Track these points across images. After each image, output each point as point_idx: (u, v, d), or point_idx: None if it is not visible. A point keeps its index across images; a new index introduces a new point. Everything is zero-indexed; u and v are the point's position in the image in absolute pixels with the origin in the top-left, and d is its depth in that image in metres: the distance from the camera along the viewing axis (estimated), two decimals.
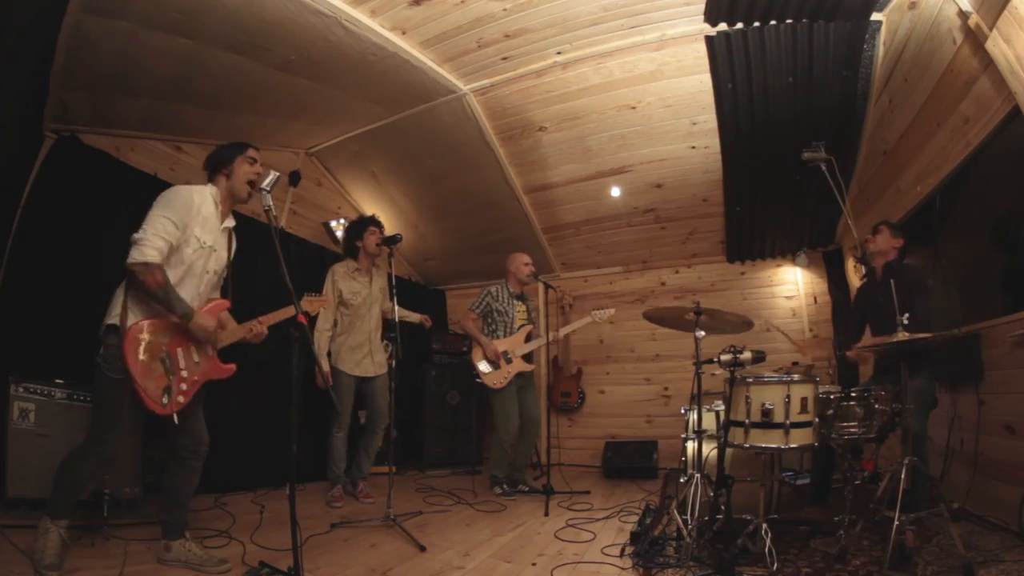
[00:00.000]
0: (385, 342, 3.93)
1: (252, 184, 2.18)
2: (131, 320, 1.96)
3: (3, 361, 2.41)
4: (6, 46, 1.98)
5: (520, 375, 3.93)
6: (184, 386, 2.06)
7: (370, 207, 5.29)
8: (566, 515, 3.16)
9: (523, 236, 5.21)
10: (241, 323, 2.27)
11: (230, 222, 2.25)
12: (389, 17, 2.95)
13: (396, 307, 3.20)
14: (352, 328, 3.62)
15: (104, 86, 2.88)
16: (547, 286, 4.26)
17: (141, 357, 1.95)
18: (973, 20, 2.26)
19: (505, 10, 2.95)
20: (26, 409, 2.37)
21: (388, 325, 3.69)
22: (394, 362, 3.40)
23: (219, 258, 2.20)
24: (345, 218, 5.00)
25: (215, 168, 2.19)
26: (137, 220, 2.00)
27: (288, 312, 2.27)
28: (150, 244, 1.92)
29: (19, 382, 2.38)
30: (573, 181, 4.58)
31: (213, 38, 2.77)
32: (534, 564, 2.32)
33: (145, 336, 1.97)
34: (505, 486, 3.82)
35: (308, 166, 4.66)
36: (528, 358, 4.04)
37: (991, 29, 2.15)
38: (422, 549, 2.48)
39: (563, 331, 4.18)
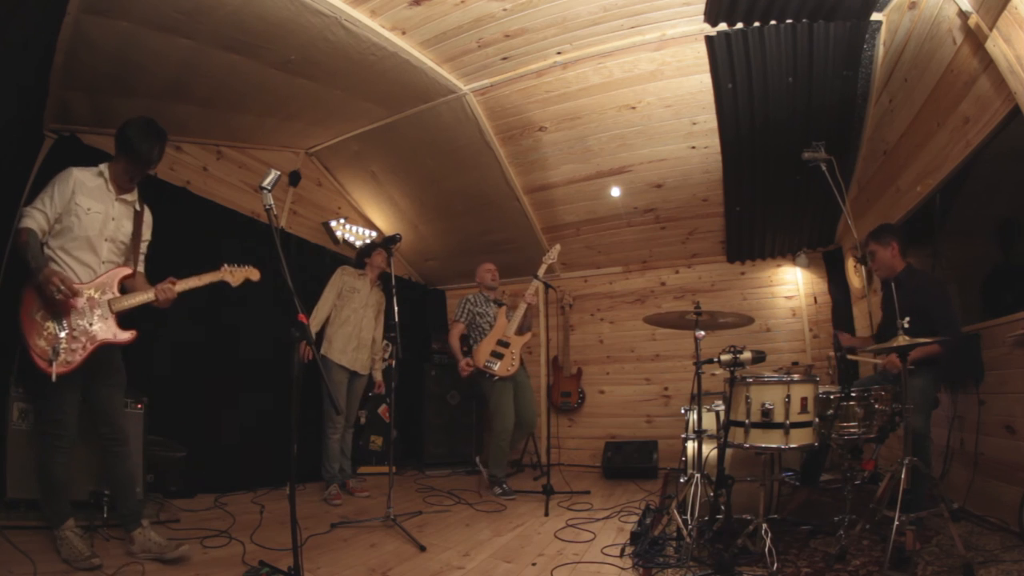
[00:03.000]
0: (385, 342, 3.99)
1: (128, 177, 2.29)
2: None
3: (2, 362, 2.41)
4: (6, 46, 1.98)
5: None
6: (75, 347, 2.05)
7: (370, 207, 5.29)
8: (566, 515, 3.16)
9: (523, 236, 5.21)
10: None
11: (130, 196, 2.32)
12: (389, 17, 2.95)
13: (396, 306, 3.20)
14: (346, 320, 3.75)
15: (104, 86, 2.88)
16: (547, 286, 4.26)
17: (35, 317, 2.01)
18: (973, 20, 2.26)
19: (505, 10, 2.95)
20: (25, 410, 2.37)
21: (388, 326, 3.74)
22: (394, 362, 3.44)
23: (120, 227, 2.27)
24: (346, 218, 5.01)
25: (116, 148, 2.28)
26: None
27: (209, 277, 2.36)
28: (27, 214, 2.07)
29: (18, 383, 2.38)
30: (573, 181, 4.58)
31: (213, 38, 2.77)
32: (534, 564, 2.32)
33: (39, 298, 2.03)
34: (505, 485, 3.83)
35: (308, 166, 4.66)
36: (522, 330, 4.11)
37: (991, 29, 2.15)
38: (422, 549, 2.48)
39: (530, 291, 4.14)
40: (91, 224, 2.16)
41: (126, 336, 2.20)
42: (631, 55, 3.37)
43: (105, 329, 2.14)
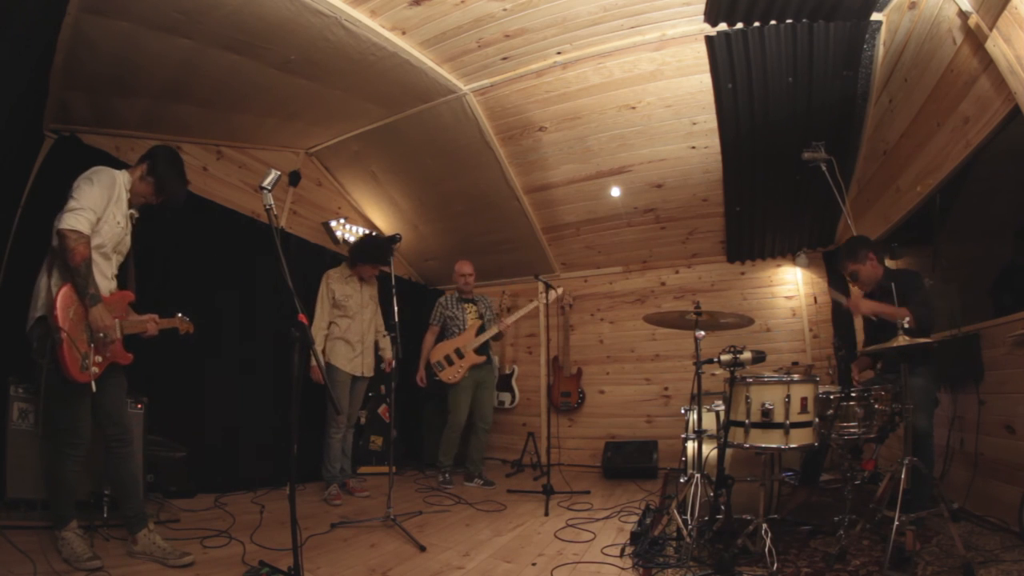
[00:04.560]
0: (387, 336, 4.00)
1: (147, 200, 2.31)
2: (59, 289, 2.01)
3: (2, 362, 2.41)
4: (6, 46, 1.98)
5: (477, 369, 4.24)
6: (99, 359, 2.08)
7: (370, 207, 5.29)
8: (566, 515, 3.16)
9: (523, 236, 5.21)
10: (168, 317, 2.43)
11: (135, 211, 2.33)
12: (389, 17, 2.95)
13: (396, 305, 3.21)
14: (348, 329, 3.73)
15: (104, 86, 2.88)
16: (547, 286, 4.27)
17: (72, 316, 1.99)
18: (973, 20, 2.26)
19: (505, 10, 2.95)
20: (25, 410, 2.37)
21: (388, 326, 3.75)
22: (395, 362, 3.45)
23: (126, 241, 2.30)
24: (346, 218, 5.01)
25: (148, 171, 2.27)
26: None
27: (172, 323, 2.42)
28: (85, 216, 2.00)
29: (18, 383, 2.38)
30: (573, 181, 4.57)
31: (213, 38, 2.77)
32: (534, 564, 2.32)
33: (77, 299, 2.02)
34: (447, 475, 4.12)
35: (308, 166, 4.67)
36: (482, 351, 4.26)
37: (991, 29, 2.15)
38: (422, 549, 2.48)
39: (508, 320, 4.42)
40: (114, 236, 2.18)
41: (129, 358, 2.25)
42: (631, 55, 3.37)
43: (116, 348, 2.18)
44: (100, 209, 2.07)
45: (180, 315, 2.49)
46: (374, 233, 5.02)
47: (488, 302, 4.54)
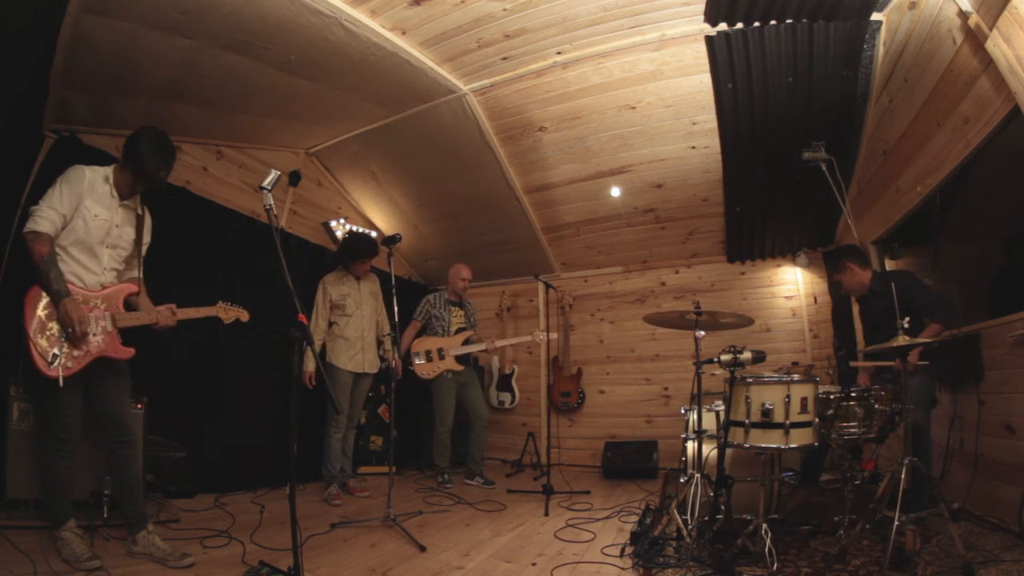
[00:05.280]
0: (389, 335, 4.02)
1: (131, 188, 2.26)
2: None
3: (2, 362, 2.40)
4: (6, 46, 1.98)
5: (456, 373, 4.26)
6: (76, 353, 2.04)
7: (370, 207, 5.29)
8: (566, 515, 3.16)
9: (523, 236, 5.21)
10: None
11: (132, 202, 2.28)
12: (389, 17, 2.95)
13: (396, 305, 3.21)
14: (347, 326, 3.74)
15: (104, 86, 2.88)
16: (547, 286, 4.27)
17: (39, 313, 1.99)
18: (973, 20, 2.26)
19: (505, 10, 2.95)
20: (26, 410, 2.37)
21: (390, 326, 3.76)
22: (395, 362, 3.45)
23: (123, 234, 2.25)
24: (346, 218, 5.01)
25: (124, 158, 2.23)
26: None
27: (205, 311, 2.36)
28: (43, 215, 2.01)
29: (18, 383, 2.37)
30: (573, 181, 4.57)
31: (213, 38, 2.77)
32: (534, 564, 2.32)
33: (47, 295, 2.01)
34: (446, 475, 4.10)
35: (308, 166, 4.66)
36: (462, 360, 4.29)
37: (991, 29, 2.15)
38: (422, 549, 2.48)
39: (499, 343, 4.48)
40: (96, 230, 2.14)
41: (126, 352, 2.21)
42: (631, 55, 3.37)
43: (107, 342, 2.14)
44: (66, 207, 2.06)
45: (222, 303, 2.40)
46: (356, 229, 5.01)
47: (473, 309, 4.57)
